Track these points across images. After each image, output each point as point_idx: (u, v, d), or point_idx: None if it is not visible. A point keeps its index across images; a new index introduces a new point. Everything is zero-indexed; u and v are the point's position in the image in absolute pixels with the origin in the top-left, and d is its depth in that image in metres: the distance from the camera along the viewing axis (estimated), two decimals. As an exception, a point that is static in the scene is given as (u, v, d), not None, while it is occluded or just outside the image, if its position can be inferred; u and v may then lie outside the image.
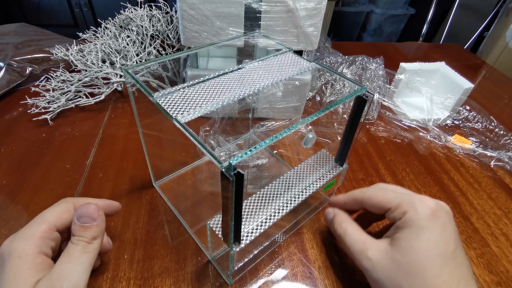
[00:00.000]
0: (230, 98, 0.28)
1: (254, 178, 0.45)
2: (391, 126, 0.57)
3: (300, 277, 0.33)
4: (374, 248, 0.28)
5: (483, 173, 0.49)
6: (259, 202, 0.32)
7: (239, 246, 0.28)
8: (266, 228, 0.30)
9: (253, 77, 0.31)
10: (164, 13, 0.65)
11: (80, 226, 0.26)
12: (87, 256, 0.25)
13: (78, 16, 1.75)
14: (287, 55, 0.36)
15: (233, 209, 0.23)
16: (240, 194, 0.22)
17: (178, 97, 0.28)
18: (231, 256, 0.28)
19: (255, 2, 0.44)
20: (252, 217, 0.31)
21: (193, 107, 0.27)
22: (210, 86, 0.30)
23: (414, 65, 0.61)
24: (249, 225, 0.30)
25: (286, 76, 0.31)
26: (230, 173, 0.20)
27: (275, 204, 0.32)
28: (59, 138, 0.49)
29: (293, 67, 0.33)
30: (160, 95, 0.28)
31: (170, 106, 0.27)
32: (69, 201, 0.29)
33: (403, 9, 1.88)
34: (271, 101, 0.53)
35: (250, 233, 0.29)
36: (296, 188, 0.34)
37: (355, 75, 0.65)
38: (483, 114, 0.59)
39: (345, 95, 0.31)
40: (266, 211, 0.31)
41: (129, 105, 0.58)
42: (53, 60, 0.63)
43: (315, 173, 0.36)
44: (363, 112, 0.31)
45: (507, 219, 0.42)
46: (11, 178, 0.42)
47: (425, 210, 0.27)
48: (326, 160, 0.38)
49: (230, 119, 0.53)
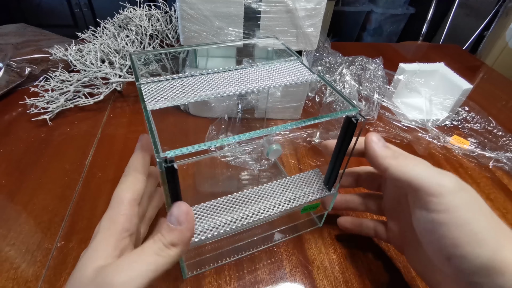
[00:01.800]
0: (213, 94, 0.28)
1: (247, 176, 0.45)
2: (390, 126, 0.57)
3: (299, 277, 0.34)
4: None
5: (481, 173, 0.49)
6: (227, 205, 0.32)
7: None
8: (221, 233, 0.29)
9: (247, 78, 0.31)
10: (163, 13, 0.65)
11: (167, 225, 0.24)
12: (158, 259, 0.22)
13: (78, 16, 1.75)
14: (293, 63, 0.34)
15: (168, 200, 0.23)
16: (175, 187, 0.23)
17: (163, 86, 0.28)
18: None
19: (255, 2, 0.44)
20: (212, 218, 0.30)
21: (170, 97, 0.27)
22: (198, 81, 0.29)
23: (413, 65, 0.61)
24: (206, 224, 0.29)
25: (281, 83, 0.30)
26: (163, 164, 0.21)
27: (241, 211, 0.31)
28: (58, 138, 0.50)
29: (292, 76, 0.31)
30: (147, 81, 0.28)
31: (150, 93, 0.27)
32: (131, 172, 0.28)
33: (403, 8, 1.88)
34: (271, 101, 0.53)
35: (203, 232, 0.29)
36: (270, 201, 0.32)
37: (354, 75, 0.65)
38: (482, 115, 0.59)
39: (334, 87, 0.30)
40: (228, 216, 0.30)
41: (128, 105, 0.58)
42: (52, 60, 0.63)
43: (296, 190, 0.34)
44: (353, 137, 0.28)
45: (506, 219, 0.42)
46: (10, 178, 0.42)
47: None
48: (315, 180, 0.35)
49: (244, 119, 0.53)
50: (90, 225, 0.37)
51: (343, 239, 0.38)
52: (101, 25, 0.66)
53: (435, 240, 0.24)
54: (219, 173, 0.45)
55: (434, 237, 0.24)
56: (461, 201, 0.23)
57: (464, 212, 0.22)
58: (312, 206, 0.34)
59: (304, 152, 0.50)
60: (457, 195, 0.23)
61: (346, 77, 0.62)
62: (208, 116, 0.55)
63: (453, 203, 0.23)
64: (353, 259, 0.36)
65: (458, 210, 0.23)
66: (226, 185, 0.45)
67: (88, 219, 0.38)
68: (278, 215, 0.32)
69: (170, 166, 0.21)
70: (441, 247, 0.23)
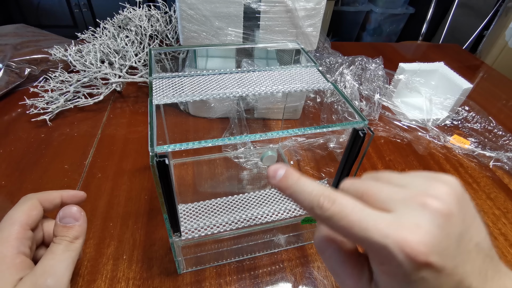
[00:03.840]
0: (219, 94, 0.28)
1: (252, 179, 0.45)
2: (390, 126, 0.57)
3: (299, 277, 0.33)
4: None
5: (482, 173, 0.49)
6: (222, 206, 0.31)
7: (179, 237, 0.28)
8: (215, 233, 0.29)
9: (260, 81, 0.30)
10: (162, 13, 0.65)
11: (63, 226, 0.27)
12: (69, 254, 0.26)
13: (77, 16, 1.75)
14: (310, 69, 0.33)
15: (161, 196, 0.24)
16: (166, 182, 0.23)
17: (173, 82, 0.28)
18: (171, 244, 0.29)
19: (254, 2, 0.44)
20: (208, 216, 0.30)
21: (178, 93, 0.27)
22: (210, 80, 0.29)
23: (413, 65, 0.61)
24: (201, 222, 0.29)
25: (295, 89, 0.30)
26: (154, 159, 0.21)
27: (239, 214, 0.31)
28: (58, 138, 0.49)
29: (307, 82, 0.31)
30: (159, 77, 0.28)
31: (160, 88, 0.27)
32: (33, 197, 0.29)
33: (402, 8, 1.88)
34: (271, 101, 0.53)
35: (197, 230, 0.29)
36: (266, 208, 0.32)
37: (354, 75, 0.65)
38: (482, 114, 0.59)
39: (346, 97, 0.29)
40: (224, 217, 0.30)
41: (128, 105, 0.58)
42: (52, 60, 0.63)
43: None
44: (361, 152, 0.26)
45: (506, 219, 0.42)
46: (10, 179, 0.42)
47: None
48: None
49: (259, 119, 0.53)
50: (90, 226, 0.37)
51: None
52: (100, 25, 0.66)
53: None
54: (221, 173, 0.45)
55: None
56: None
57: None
58: (313, 218, 0.33)
59: (319, 159, 0.49)
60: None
61: (347, 77, 0.62)
62: (208, 117, 0.55)
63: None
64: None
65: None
66: (229, 186, 0.45)
67: (88, 219, 0.37)
68: (274, 224, 0.31)
69: (161, 161, 0.21)
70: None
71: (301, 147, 0.50)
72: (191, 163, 0.46)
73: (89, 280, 0.32)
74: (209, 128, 0.53)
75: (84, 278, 0.32)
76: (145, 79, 0.57)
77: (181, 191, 0.42)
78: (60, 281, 0.24)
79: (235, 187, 0.44)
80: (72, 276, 0.32)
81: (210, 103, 0.52)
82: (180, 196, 0.42)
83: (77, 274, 0.32)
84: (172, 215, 0.26)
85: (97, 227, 0.37)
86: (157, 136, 0.23)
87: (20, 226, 0.26)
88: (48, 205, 0.29)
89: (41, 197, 0.29)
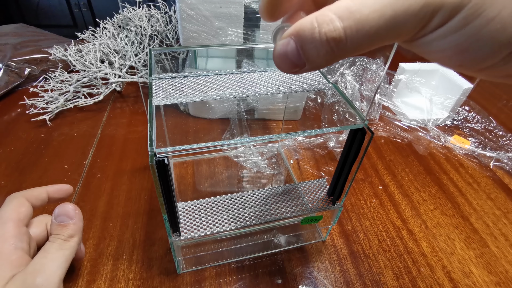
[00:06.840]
0: (220, 95, 0.27)
1: (252, 178, 0.45)
2: (391, 126, 0.57)
3: (299, 277, 0.33)
4: None
5: (482, 173, 0.49)
6: (225, 203, 0.31)
7: (179, 237, 0.28)
8: (214, 233, 0.29)
9: (260, 82, 0.30)
10: (162, 13, 0.65)
11: (57, 224, 0.27)
12: (63, 252, 0.26)
13: (77, 16, 1.75)
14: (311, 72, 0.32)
15: (160, 195, 0.24)
16: (165, 182, 0.23)
17: (173, 83, 0.28)
18: (171, 244, 0.29)
19: (255, 2, 0.44)
20: (207, 214, 0.30)
21: (178, 94, 0.27)
22: (210, 81, 0.29)
23: (413, 65, 0.61)
24: (201, 219, 0.29)
25: (295, 90, 0.29)
26: (153, 158, 0.21)
27: (238, 212, 0.31)
28: (57, 138, 0.49)
29: (308, 83, 0.30)
30: (159, 77, 0.28)
31: (160, 88, 0.27)
32: (18, 195, 0.28)
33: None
34: (272, 102, 0.53)
35: (197, 230, 0.29)
36: (265, 207, 0.31)
37: (355, 76, 0.65)
38: (482, 114, 0.59)
39: (347, 98, 0.29)
40: (224, 214, 0.30)
41: (128, 105, 0.58)
42: (52, 60, 0.63)
43: (296, 199, 0.32)
44: (361, 151, 0.26)
45: (506, 219, 0.42)
46: (10, 179, 0.42)
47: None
48: (319, 191, 0.33)
49: (260, 120, 0.53)
50: (90, 226, 0.37)
51: (344, 239, 0.38)
52: (100, 25, 0.66)
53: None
54: (221, 172, 0.45)
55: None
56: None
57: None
58: (313, 218, 0.32)
59: (319, 158, 0.49)
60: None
61: (348, 77, 0.62)
62: (208, 117, 0.55)
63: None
64: (354, 260, 0.35)
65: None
66: (228, 184, 0.45)
67: (88, 219, 0.37)
68: (274, 224, 0.31)
69: (160, 161, 0.21)
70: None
71: (300, 146, 0.50)
72: (191, 162, 0.46)
73: (89, 280, 0.32)
74: (209, 129, 0.53)
75: (84, 278, 0.32)
76: (145, 79, 0.57)
77: (181, 190, 0.42)
78: (50, 280, 0.24)
79: (235, 186, 0.44)
80: (72, 276, 0.32)
81: (210, 103, 0.52)
82: (180, 195, 0.42)
83: (77, 274, 0.32)
84: (172, 215, 0.26)
85: (97, 227, 0.37)
86: (157, 137, 0.23)
87: (13, 223, 0.26)
88: (35, 201, 0.29)
89: (26, 194, 0.29)
